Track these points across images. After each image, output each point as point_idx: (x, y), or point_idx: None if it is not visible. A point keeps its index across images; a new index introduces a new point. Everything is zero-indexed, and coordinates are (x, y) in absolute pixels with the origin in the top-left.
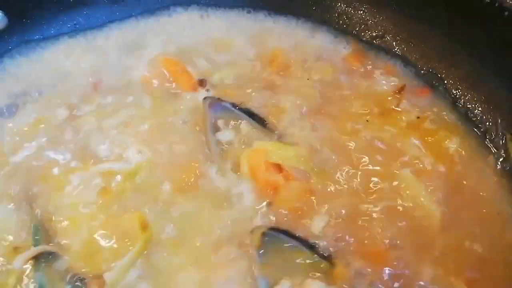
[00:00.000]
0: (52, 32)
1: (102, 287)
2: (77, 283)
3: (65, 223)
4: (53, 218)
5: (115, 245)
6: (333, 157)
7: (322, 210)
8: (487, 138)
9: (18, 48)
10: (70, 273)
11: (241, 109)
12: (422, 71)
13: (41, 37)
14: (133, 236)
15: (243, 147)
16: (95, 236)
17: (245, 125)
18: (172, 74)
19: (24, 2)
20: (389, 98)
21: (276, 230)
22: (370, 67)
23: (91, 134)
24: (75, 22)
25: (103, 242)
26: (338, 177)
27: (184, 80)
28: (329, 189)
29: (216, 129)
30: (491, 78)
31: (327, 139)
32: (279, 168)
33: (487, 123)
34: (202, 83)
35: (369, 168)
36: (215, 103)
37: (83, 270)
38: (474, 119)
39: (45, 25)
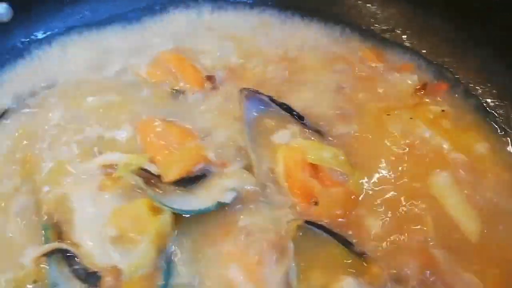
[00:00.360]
0: (57, 25)
1: (117, 278)
2: (91, 278)
3: (72, 218)
4: (59, 216)
5: (126, 235)
6: (369, 158)
7: (362, 217)
8: (504, 131)
9: (23, 44)
10: (83, 268)
11: (278, 104)
12: (433, 64)
13: (47, 31)
14: (144, 224)
15: (280, 143)
16: (105, 228)
17: (285, 120)
18: (179, 70)
19: None
20: (411, 96)
21: (312, 224)
22: (388, 64)
23: (93, 130)
24: (81, 15)
25: (113, 233)
26: (376, 180)
27: (191, 76)
28: (367, 194)
29: (251, 121)
30: (503, 71)
31: (361, 139)
32: (316, 168)
33: (500, 117)
34: (210, 79)
35: (405, 169)
36: (251, 95)
37: (95, 263)
38: (489, 111)
39: (51, 18)
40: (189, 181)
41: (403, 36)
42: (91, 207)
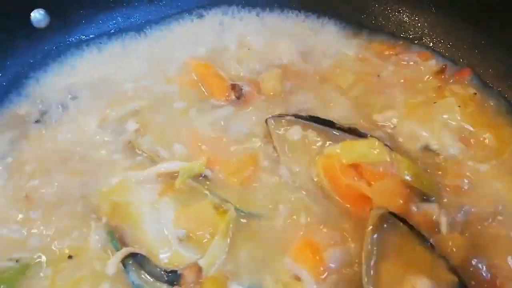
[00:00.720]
0: (92, 31)
1: (199, 274)
2: (172, 278)
3: (135, 224)
4: (121, 222)
5: (193, 234)
6: (410, 141)
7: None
8: None
9: (59, 49)
10: (159, 269)
11: (304, 118)
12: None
13: (82, 37)
14: (211, 222)
15: (316, 157)
16: (171, 230)
17: (312, 132)
18: (204, 80)
19: (66, 1)
20: (430, 80)
21: (394, 215)
22: (407, 55)
23: (138, 138)
24: (114, 21)
25: (180, 234)
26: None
27: (216, 86)
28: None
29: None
30: None
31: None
32: (358, 167)
33: None
34: (235, 88)
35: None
36: (278, 119)
37: (168, 263)
38: None
39: (86, 24)
40: None
41: (430, 44)
42: (153, 212)
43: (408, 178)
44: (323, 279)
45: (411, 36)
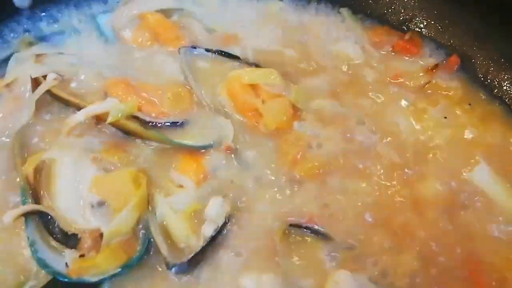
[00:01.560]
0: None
1: (98, 240)
2: (70, 240)
3: (53, 182)
4: (40, 179)
5: (107, 202)
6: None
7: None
8: None
9: (41, 30)
10: (61, 230)
11: (214, 51)
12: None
13: (65, 17)
14: (127, 193)
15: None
16: (86, 194)
17: (219, 62)
18: (159, 33)
19: None
20: (421, 75)
21: (296, 226)
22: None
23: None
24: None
25: (94, 199)
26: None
27: (170, 40)
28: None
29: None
30: None
31: None
32: (256, 88)
33: None
34: None
35: None
36: (189, 49)
37: (74, 226)
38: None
39: (71, 4)
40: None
41: (421, 26)
42: (73, 173)
43: (294, 100)
44: (202, 184)
45: (401, 19)
